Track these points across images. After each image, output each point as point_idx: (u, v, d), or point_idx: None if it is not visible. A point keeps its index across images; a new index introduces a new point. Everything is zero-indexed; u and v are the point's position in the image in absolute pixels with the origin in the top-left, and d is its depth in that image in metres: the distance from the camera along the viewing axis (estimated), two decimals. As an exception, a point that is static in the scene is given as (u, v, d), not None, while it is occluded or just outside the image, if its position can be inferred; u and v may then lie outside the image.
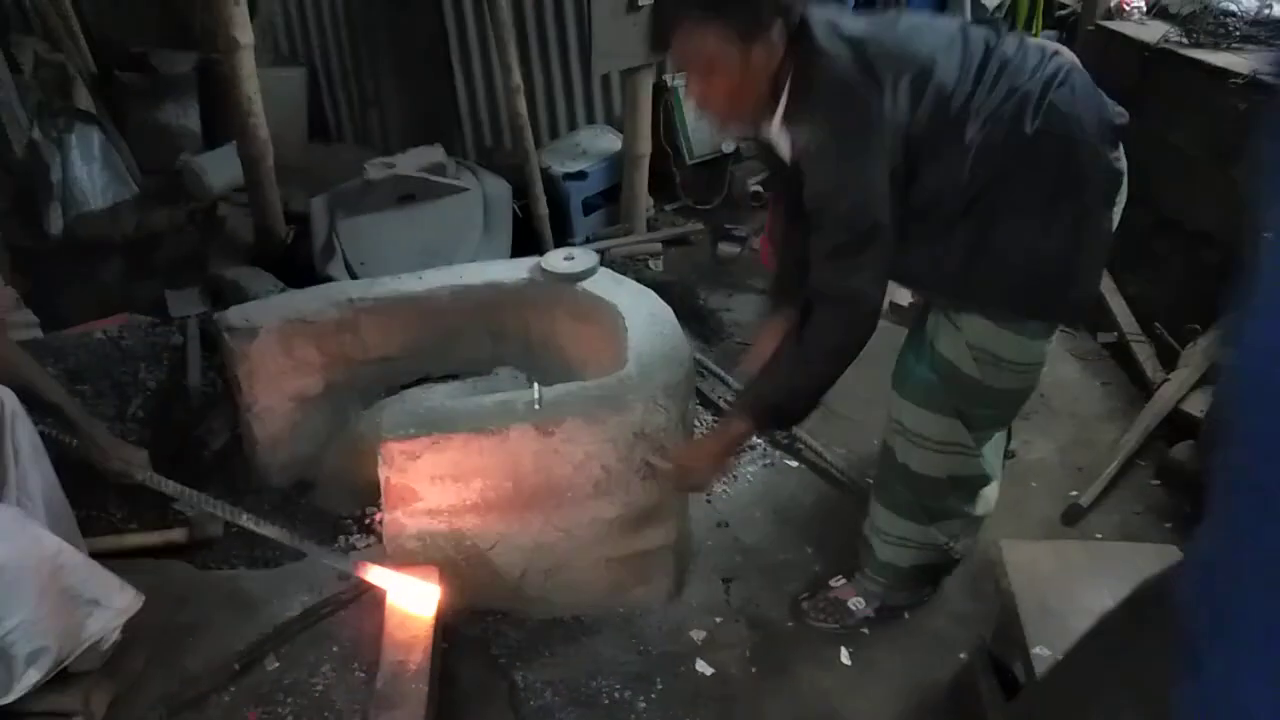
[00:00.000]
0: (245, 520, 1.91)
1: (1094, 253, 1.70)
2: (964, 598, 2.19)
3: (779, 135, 1.69)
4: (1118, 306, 3.18)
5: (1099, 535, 2.38)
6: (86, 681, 1.85)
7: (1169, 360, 2.89)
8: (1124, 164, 1.69)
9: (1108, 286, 3.24)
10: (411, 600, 1.81)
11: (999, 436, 2.01)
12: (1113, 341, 3.13)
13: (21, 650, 1.62)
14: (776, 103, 1.63)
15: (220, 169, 3.93)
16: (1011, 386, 1.82)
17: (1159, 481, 2.56)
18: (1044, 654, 1.57)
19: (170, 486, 1.95)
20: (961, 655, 2.01)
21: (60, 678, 1.79)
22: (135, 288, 3.62)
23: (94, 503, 2.33)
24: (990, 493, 2.04)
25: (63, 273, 3.70)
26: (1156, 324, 3.03)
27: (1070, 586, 1.76)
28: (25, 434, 1.87)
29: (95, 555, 2.03)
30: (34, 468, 1.88)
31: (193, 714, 1.88)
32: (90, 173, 4.00)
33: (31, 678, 1.65)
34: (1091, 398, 2.94)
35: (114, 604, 1.79)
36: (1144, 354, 2.97)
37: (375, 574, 1.84)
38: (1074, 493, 2.51)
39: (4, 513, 1.65)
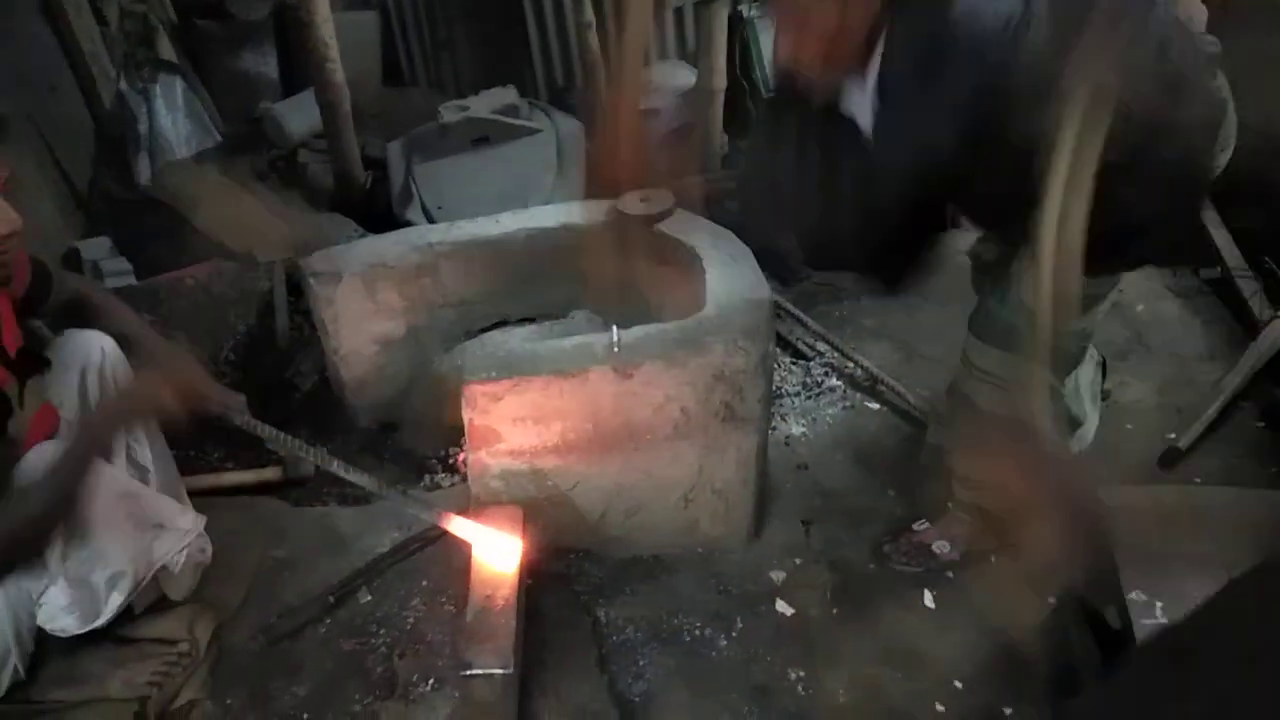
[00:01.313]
0: (336, 467, 1.96)
1: (1190, 198, 1.60)
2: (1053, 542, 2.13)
3: (860, 101, 1.61)
4: (1222, 240, 3.00)
5: (1198, 480, 2.29)
6: (190, 611, 1.95)
7: (1277, 297, 2.73)
8: (1227, 91, 1.58)
9: (1211, 219, 3.07)
10: (493, 553, 1.85)
11: (1089, 378, 1.94)
12: (1216, 277, 2.97)
13: (99, 577, 1.69)
14: (868, 60, 1.56)
15: (299, 116, 3.98)
16: (1081, 327, 1.79)
17: (1264, 424, 2.44)
18: (1140, 599, 1.53)
19: (266, 430, 2.00)
20: (1050, 600, 1.97)
21: (164, 607, 1.89)
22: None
23: (192, 443, 2.43)
24: (1085, 433, 1.98)
25: (152, 221, 3.82)
26: (1265, 258, 2.86)
27: (1169, 532, 1.70)
28: (125, 379, 1.94)
29: (194, 494, 2.13)
30: None
31: (290, 643, 1.97)
32: (175, 122, 4.08)
33: (115, 600, 1.72)
34: (1192, 336, 2.80)
35: (178, 525, 1.85)
36: (1249, 289, 2.81)
37: (458, 525, 1.87)
38: (1172, 435, 2.41)
39: (58, 448, 1.71)
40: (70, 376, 1.84)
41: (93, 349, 1.88)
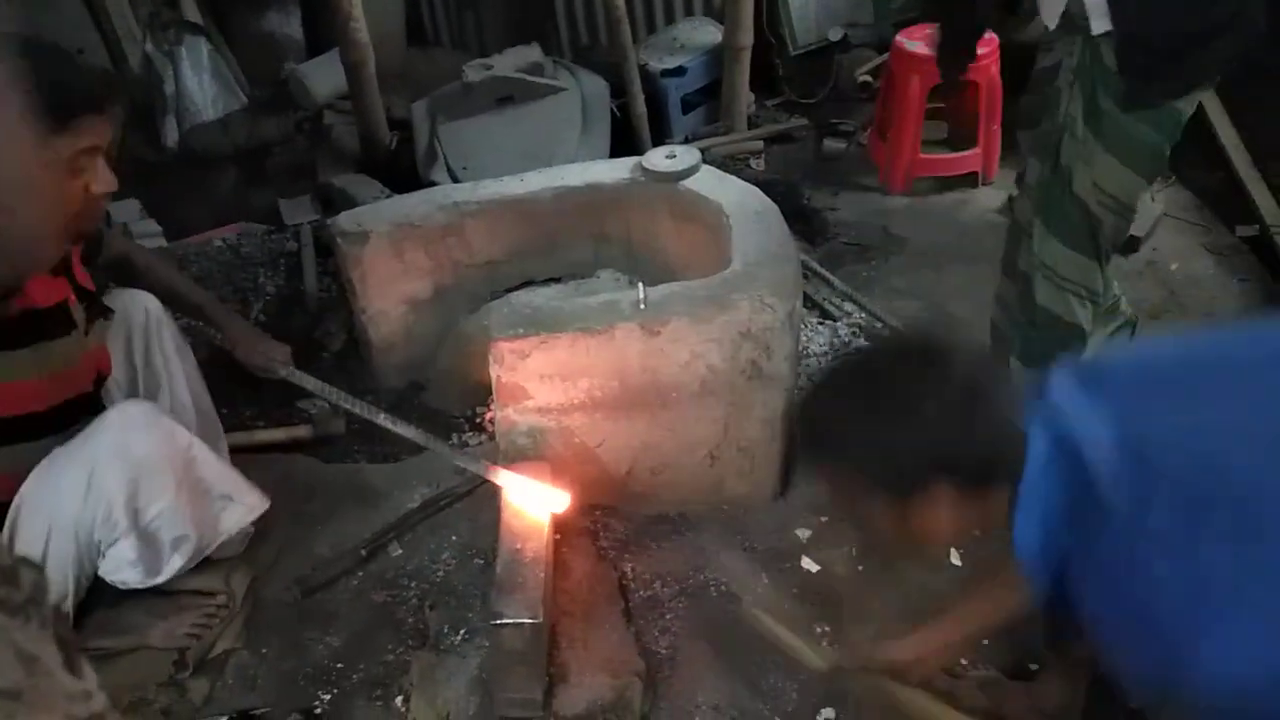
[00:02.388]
0: (382, 420, 1.98)
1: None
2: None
3: None
4: (1260, 195, 2.94)
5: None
6: (227, 565, 1.99)
7: (1317, 255, 2.68)
8: None
9: (1248, 174, 3.00)
10: (540, 504, 1.87)
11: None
12: (1253, 235, 2.91)
13: (166, 536, 1.75)
14: None
15: (324, 77, 3.97)
16: (1117, 236, 1.92)
17: (1299, 383, 2.40)
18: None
19: (311, 382, 2.02)
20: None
21: (203, 562, 1.93)
22: (249, 196, 3.74)
23: (224, 401, 2.46)
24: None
25: (180, 183, 3.85)
26: (1305, 215, 2.80)
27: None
28: (171, 340, 1.97)
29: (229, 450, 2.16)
30: (180, 373, 1.98)
31: (323, 595, 2.01)
32: (201, 84, 4.09)
33: (176, 563, 1.78)
34: (1227, 295, 2.76)
35: (245, 501, 1.89)
36: (1288, 248, 2.76)
37: (506, 478, 1.90)
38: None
39: (140, 406, 1.75)
40: (117, 333, 1.88)
41: (137, 308, 1.91)
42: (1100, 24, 1.70)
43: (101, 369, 1.80)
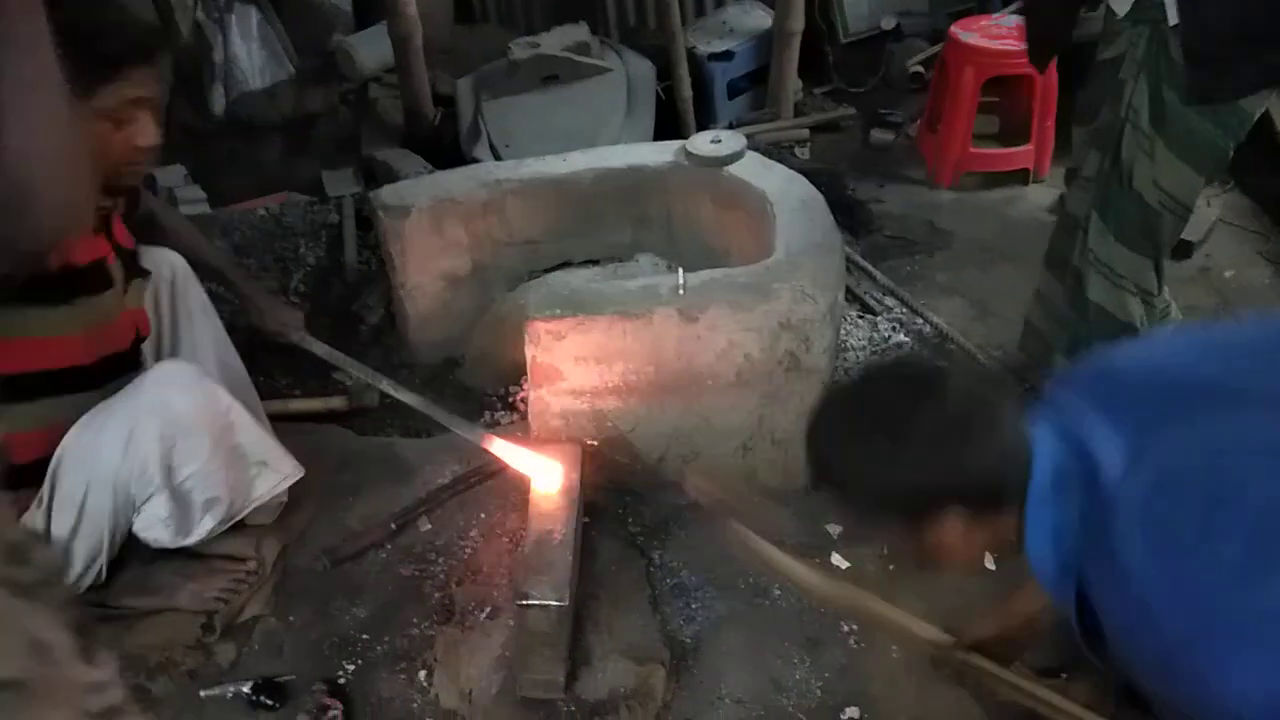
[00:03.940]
0: (386, 385, 2.01)
1: None
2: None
3: None
4: (1323, 205, 2.85)
5: None
6: (258, 531, 2.01)
7: (1380, 266, 2.59)
8: None
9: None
10: (537, 476, 1.86)
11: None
12: (1314, 244, 2.82)
13: (199, 497, 1.76)
14: None
15: (371, 49, 3.97)
16: (1175, 232, 1.89)
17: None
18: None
19: (321, 348, 2.04)
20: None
21: (234, 527, 1.95)
22: (293, 166, 3.76)
23: (261, 369, 2.47)
24: None
25: (226, 151, 3.88)
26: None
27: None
28: (197, 299, 1.98)
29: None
30: (206, 332, 2.00)
31: (352, 566, 2.02)
32: (249, 52, 4.11)
33: (207, 524, 1.79)
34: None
35: (280, 469, 1.90)
36: (1350, 259, 2.67)
37: (500, 447, 1.90)
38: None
39: (182, 366, 1.76)
40: (148, 282, 1.89)
41: (164, 266, 1.92)
42: (1175, 14, 1.64)
43: (140, 328, 1.81)
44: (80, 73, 1.37)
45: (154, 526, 1.73)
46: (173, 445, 1.64)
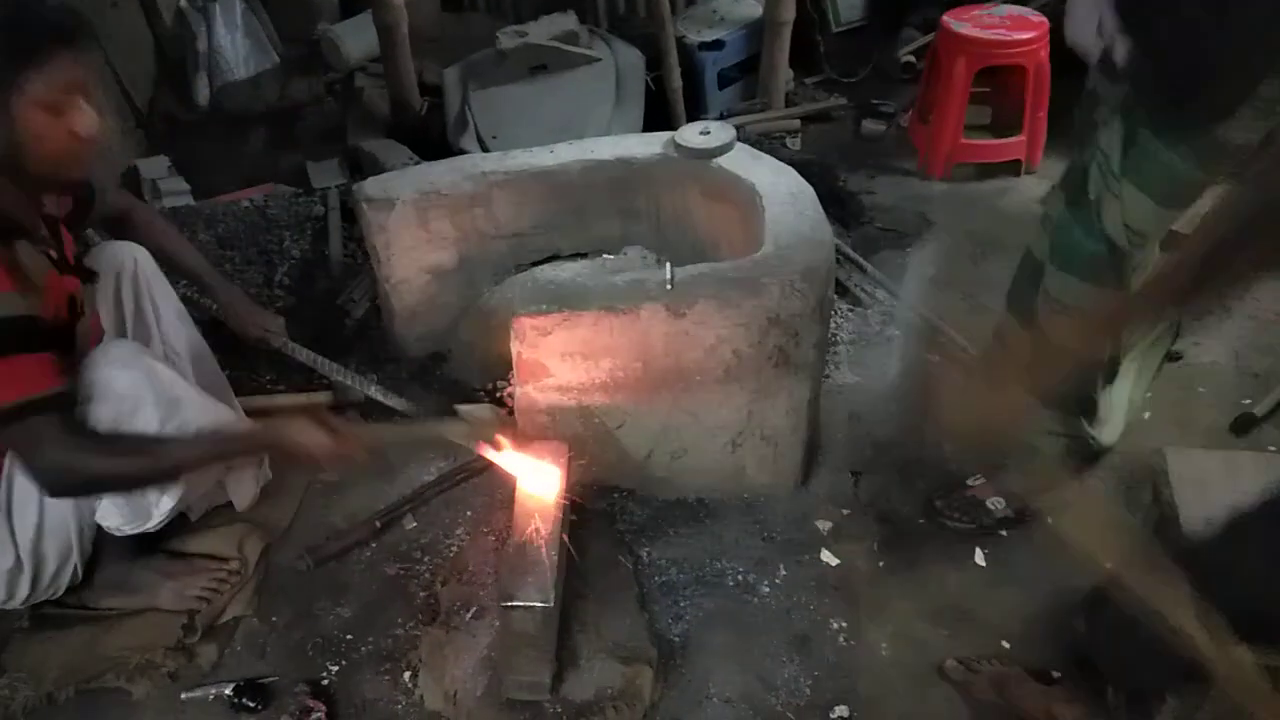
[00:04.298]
0: (374, 391, 1.97)
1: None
2: (1114, 506, 2.06)
3: None
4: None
5: (1272, 448, 2.18)
6: (240, 530, 1.99)
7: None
8: None
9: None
10: (530, 479, 1.83)
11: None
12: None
13: None
14: None
15: (357, 38, 3.93)
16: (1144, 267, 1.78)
17: (1348, 393, 2.32)
18: (1205, 570, 1.46)
19: (305, 354, 2.00)
20: (1107, 564, 1.91)
21: (215, 525, 1.92)
22: (278, 157, 3.72)
23: (244, 365, 2.45)
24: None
25: (210, 142, 3.84)
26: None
27: (1239, 501, 1.62)
28: (164, 293, 1.94)
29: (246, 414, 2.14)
30: (178, 326, 1.96)
31: (336, 565, 1.99)
32: (233, 41, 4.06)
33: (165, 505, 1.73)
34: (1273, 297, 2.66)
35: None
36: (1343, 251, 2.64)
37: (494, 454, 1.86)
38: (1247, 400, 2.30)
39: (123, 345, 1.72)
40: (106, 283, 1.85)
41: (125, 258, 1.88)
42: (1123, 56, 1.59)
43: (97, 335, 1.78)
44: (3, 61, 1.34)
45: (110, 514, 1.69)
46: (118, 426, 1.58)
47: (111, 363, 1.62)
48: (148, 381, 1.64)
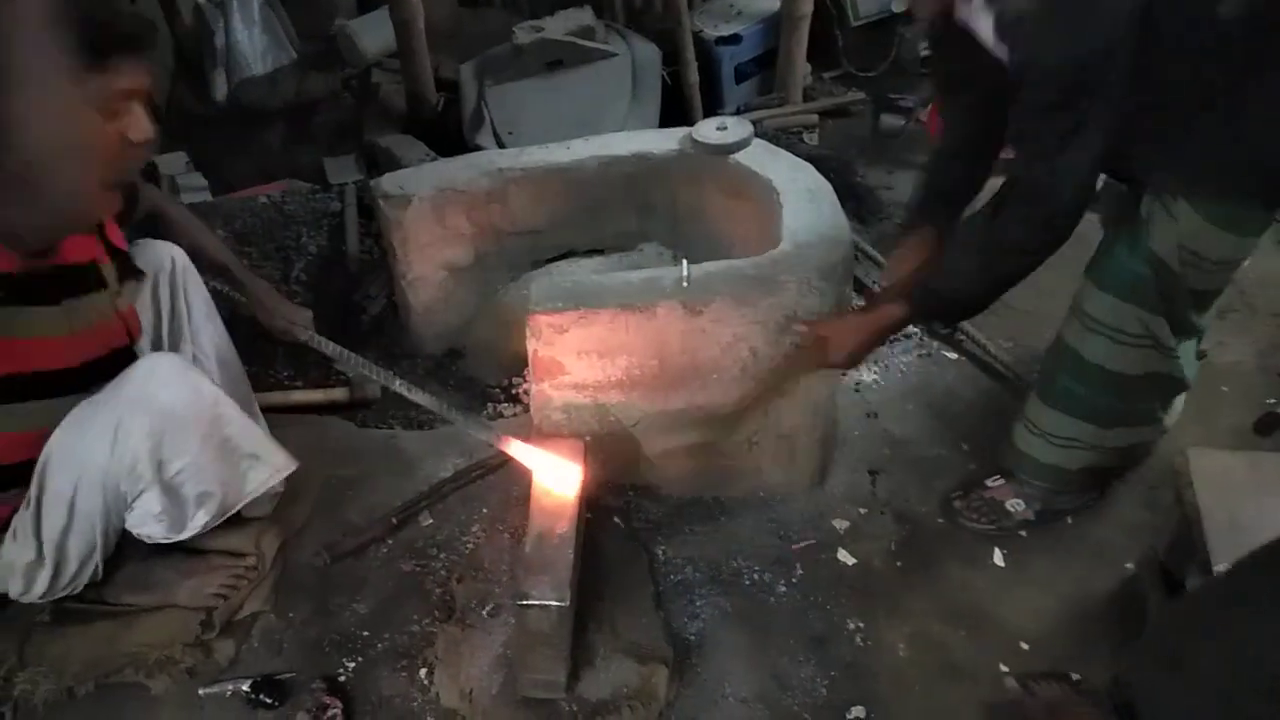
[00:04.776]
0: (398, 386, 1.96)
1: None
2: (1135, 507, 2.04)
3: (980, 10, 1.50)
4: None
5: (1297, 449, 2.16)
6: (257, 526, 1.99)
7: (1402, 257, 2.53)
8: None
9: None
10: (552, 478, 1.83)
11: (1192, 343, 1.83)
12: (1335, 233, 2.76)
13: (190, 491, 1.72)
14: None
15: (374, 34, 3.93)
16: (1209, 287, 1.72)
17: (1375, 393, 2.28)
18: (1225, 570, 1.44)
19: (331, 348, 2.01)
20: (1128, 566, 1.89)
21: (233, 522, 1.92)
22: (295, 153, 3.73)
23: (262, 360, 2.46)
24: (1180, 402, 1.88)
25: (228, 138, 3.85)
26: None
27: (1263, 502, 1.60)
28: (197, 292, 1.96)
29: (262, 409, 2.15)
30: (206, 325, 1.97)
31: (353, 561, 1.99)
32: (251, 37, 4.08)
33: (200, 519, 1.75)
34: (1298, 296, 2.62)
35: (272, 461, 1.86)
36: (1370, 249, 2.61)
37: (518, 449, 1.87)
38: (1271, 400, 2.27)
39: (167, 358, 1.72)
40: (144, 283, 1.86)
41: (164, 258, 1.89)
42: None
43: (132, 331, 1.79)
44: (72, 61, 1.35)
45: (147, 523, 1.71)
46: (161, 440, 1.60)
47: (157, 378, 1.63)
48: (193, 399, 1.66)
